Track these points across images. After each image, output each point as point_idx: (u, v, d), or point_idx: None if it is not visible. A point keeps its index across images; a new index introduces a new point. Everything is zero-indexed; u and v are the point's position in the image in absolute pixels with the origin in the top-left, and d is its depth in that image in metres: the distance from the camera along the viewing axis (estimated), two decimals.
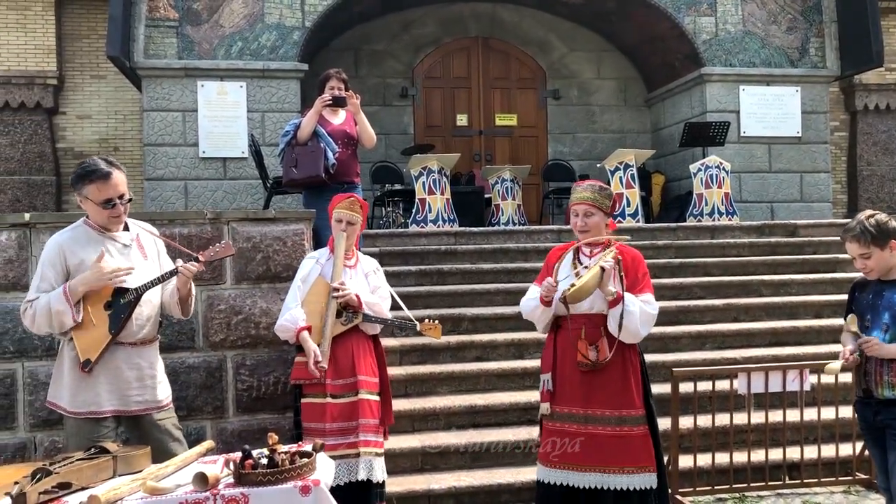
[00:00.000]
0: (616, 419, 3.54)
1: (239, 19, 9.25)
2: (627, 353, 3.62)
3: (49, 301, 3.26)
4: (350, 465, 3.88)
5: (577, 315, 3.60)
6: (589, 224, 3.70)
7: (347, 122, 5.87)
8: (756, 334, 6.43)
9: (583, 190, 3.74)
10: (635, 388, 3.59)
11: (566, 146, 11.44)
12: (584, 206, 3.70)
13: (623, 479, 3.51)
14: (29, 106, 10.49)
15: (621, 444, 3.52)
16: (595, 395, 3.56)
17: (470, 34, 11.28)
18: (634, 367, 3.63)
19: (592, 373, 3.56)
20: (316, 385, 3.94)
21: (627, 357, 3.61)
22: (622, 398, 3.55)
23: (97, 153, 10.36)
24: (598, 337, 3.57)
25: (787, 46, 10.34)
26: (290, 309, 4.02)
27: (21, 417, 4.44)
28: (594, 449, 3.53)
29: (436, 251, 7.39)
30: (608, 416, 3.55)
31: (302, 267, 4.19)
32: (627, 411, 3.55)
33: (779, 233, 8.34)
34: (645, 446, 3.56)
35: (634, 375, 3.61)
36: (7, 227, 4.45)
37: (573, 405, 3.60)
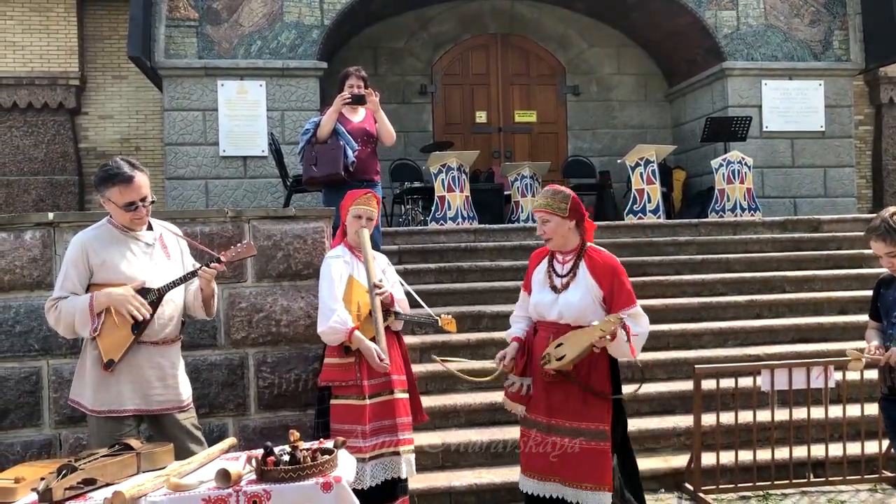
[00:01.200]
0: (572, 430, 3.40)
1: (258, 18, 9.29)
2: (596, 365, 3.44)
3: (74, 311, 3.29)
4: (386, 463, 3.86)
5: (546, 322, 3.52)
6: (548, 231, 3.52)
7: (367, 120, 5.87)
8: (779, 331, 6.37)
9: (539, 197, 3.61)
10: (596, 403, 3.41)
11: (586, 142, 11.39)
12: (539, 214, 3.56)
13: (578, 493, 3.39)
14: (52, 106, 10.61)
15: (578, 458, 3.38)
16: (557, 406, 3.44)
17: (489, 31, 11.26)
18: (600, 380, 3.44)
19: (556, 382, 3.43)
20: (350, 387, 3.84)
21: (595, 370, 3.43)
22: (583, 411, 3.40)
23: (119, 153, 10.46)
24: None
25: (810, 39, 10.22)
26: (335, 310, 3.83)
27: (46, 414, 4.49)
28: (556, 459, 3.42)
29: (455, 248, 7.39)
30: (567, 427, 3.42)
31: (332, 267, 3.96)
32: (587, 424, 3.39)
33: (802, 228, 8.25)
34: (601, 463, 3.38)
35: (598, 389, 3.43)
36: (31, 226, 4.50)
37: (538, 413, 3.50)
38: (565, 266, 3.52)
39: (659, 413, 5.43)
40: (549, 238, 3.53)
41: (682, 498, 4.74)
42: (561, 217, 3.49)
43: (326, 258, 4.06)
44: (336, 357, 3.91)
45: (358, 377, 3.84)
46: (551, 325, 3.49)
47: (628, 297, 3.44)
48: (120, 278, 3.34)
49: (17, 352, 4.47)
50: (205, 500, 2.67)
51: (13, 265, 4.44)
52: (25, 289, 4.47)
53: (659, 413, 5.43)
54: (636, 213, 8.60)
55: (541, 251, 3.72)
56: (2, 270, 4.43)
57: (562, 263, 3.54)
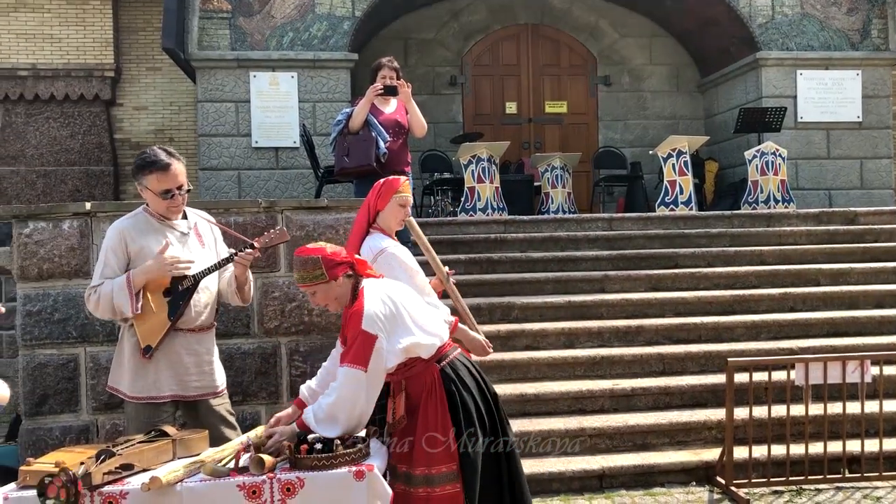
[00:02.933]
0: (424, 479, 3.04)
1: (290, 10, 9.33)
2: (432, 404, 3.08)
3: (112, 289, 3.34)
4: None
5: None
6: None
7: (399, 112, 5.88)
8: (813, 324, 6.29)
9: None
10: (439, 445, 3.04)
11: (617, 133, 11.31)
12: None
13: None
14: (88, 98, 10.77)
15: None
16: (405, 454, 3.09)
17: (519, 21, 11.20)
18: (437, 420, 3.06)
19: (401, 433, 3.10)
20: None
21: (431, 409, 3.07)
22: (428, 456, 3.04)
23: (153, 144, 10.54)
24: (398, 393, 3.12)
25: (847, 28, 10.03)
26: (437, 305, 3.50)
27: (84, 401, 4.58)
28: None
29: (485, 239, 7.39)
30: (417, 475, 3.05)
31: (409, 258, 3.60)
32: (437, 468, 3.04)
33: (837, 220, 8.12)
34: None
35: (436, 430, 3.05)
36: (69, 216, 4.58)
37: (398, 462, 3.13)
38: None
39: (690, 406, 5.39)
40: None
41: (714, 491, 4.71)
42: (324, 283, 3.07)
43: (385, 247, 3.54)
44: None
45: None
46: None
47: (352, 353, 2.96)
48: None
49: (55, 339, 4.56)
50: (240, 486, 2.71)
51: (52, 254, 4.53)
52: (64, 277, 4.56)
53: (690, 406, 5.39)
54: (668, 204, 8.52)
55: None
56: (41, 259, 4.53)
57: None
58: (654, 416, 5.21)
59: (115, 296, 3.33)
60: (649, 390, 5.42)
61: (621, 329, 6.05)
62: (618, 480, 4.79)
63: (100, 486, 2.64)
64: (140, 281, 3.34)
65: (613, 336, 6.02)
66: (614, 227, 7.80)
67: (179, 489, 2.68)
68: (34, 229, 4.53)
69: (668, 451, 5.00)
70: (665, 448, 5.06)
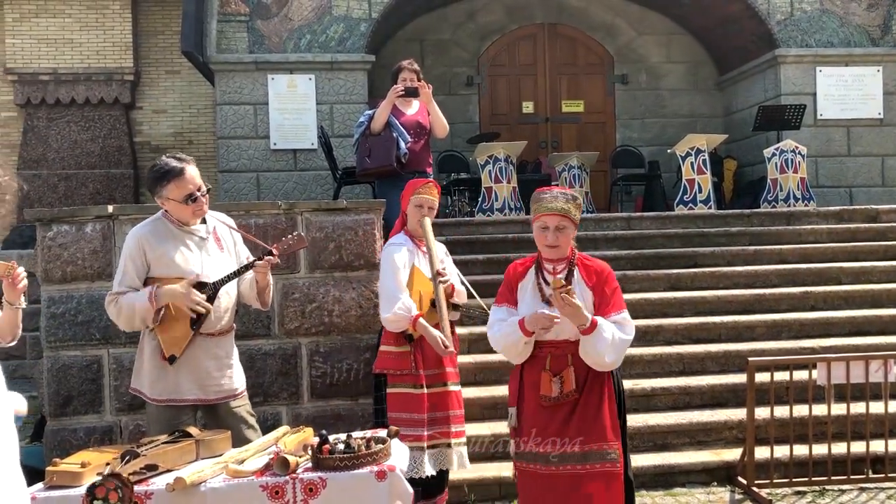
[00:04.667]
0: (580, 456, 3.06)
1: (307, 12, 9.37)
2: (599, 381, 3.15)
3: (135, 306, 3.36)
4: (438, 455, 3.86)
5: (543, 342, 3.16)
6: (560, 240, 3.16)
7: (420, 113, 5.92)
8: (835, 323, 6.24)
9: (553, 199, 3.18)
10: (600, 421, 3.09)
11: (635, 132, 11.26)
12: (556, 219, 3.15)
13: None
14: (108, 101, 10.88)
15: (583, 484, 3.05)
16: (561, 432, 3.09)
17: (536, 20, 11.19)
18: (602, 396, 3.14)
19: (558, 406, 3.10)
20: (406, 375, 3.82)
21: (599, 385, 3.15)
22: (591, 433, 3.07)
23: (172, 146, 10.69)
24: (565, 366, 3.11)
25: (867, 24, 9.94)
26: (400, 297, 3.78)
27: (107, 402, 4.63)
28: (558, 492, 3.07)
29: (503, 239, 7.38)
30: (573, 452, 3.06)
31: (395, 255, 3.90)
32: (591, 446, 3.06)
33: (859, 218, 8.05)
34: (612, 488, 3.08)
35: (601, 405, 3.12)
36: (92, 219, 4.63)
37: (541, 444, 3.11)
38: (557, 277, 3.17)
39: (710, 406, 5.37)
40: (556, 246, 3.17)
41: (735, 492, 4.69)
42: (574, 226, 3.21)
43: (388, 246, 4.00)
44: (392, 345, 3.88)
45: (413, 366, 3.82)
46: (548, 345, 3.17)
47: (617, 303, 3.18)
48: (176, 272, 3.41)
49: (79, 340, 4.61)
50: (263, 486, 2.73)
51: (75, 257, 4.58)
52: (87, 280, 4.61)
53: (710, 406, 5.37)
54: (686, 203, 8.48)
55: (521, 262, 3.36)
56: (64, 262, 4.58)
57: (553, 274, 3.19)
58: (674, 416, 5.19)
59: (136, 314, 3.35)
60: (669, 390, 5.40)
61: (640, 329, 5.99)
62: (638, 480, 4.75)
63: None
64: (164, 300, 3.35)
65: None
66: (633, 227, 7.77)
67: (203, 489, 2.71)
68: (58, 232, 4.58)
69: (688, 452, 4.98)
70: (685, 448, 5.04)
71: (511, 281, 3.30)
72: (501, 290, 3.32)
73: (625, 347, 3.12)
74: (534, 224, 3.25)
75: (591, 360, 3.09)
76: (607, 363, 3.09)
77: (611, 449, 3.09)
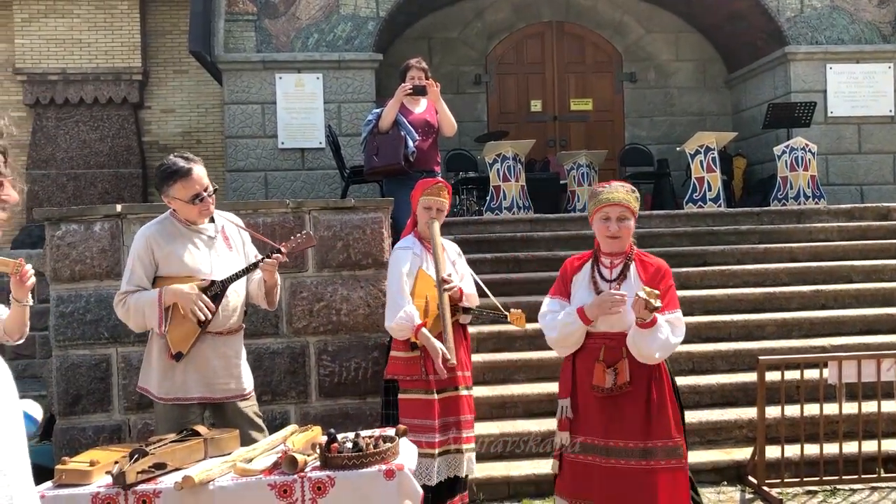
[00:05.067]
0: (641, 451, 3.07)
1: (315, 11, 9.37)
2: (655, 375, 3.16)
3: (143, 307, 3.36)
4: (450, 461, 3.80)
5: (596, 333, 3.18)
6: (622, 230, 3.20)
7: (428, 111, 5.92)
8: (846, 322, 6.19)
9: (614, 190, 3.24)
10: (663, 415, 3.11)
11: (644, 130, 11.22)
12: (619, 209, 3.20)
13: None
14: (116, 101, 10.91)
15: (648, 479, 3.04)
16: (616, 425, 3.10)
17: (543, 19, 11.16)
18: (662, 391, 3.16)
19: (612, 398, 3.11)
20: (418, 381, 3.75)
21: (655, 380, 3.15)
22: (648, 427, 3.08)
23: (181, 146, 10.71)
24: (619, 358, 3.12)
25: (878, 21, 9.87)
26: (403, 306, 3.71)
27: (116, 400, 4.64)
28: (618, 485, 3.06)
29: (511, 238, 7.36)
30: (631, 448, 3.08)
31: (400, 260, 3.83)
32: (654, 442, 3.08)
33: (870, 216, 7.99)
34: (678, 483, 3.08)
35: (661, 400, 3.14)
36: (100, 218, 4.64)
37: (594, 435, 3.13)
38: (613, 271, 3.22)
39: (720, 405, 5.34)
40: (618, 237, 3.22)
41: (745, 491, 4.66)
42: (634, 217, 3.26)
43: (395, 249, 3.93)
44: (402, 351, 3.82)
45: (424, 372, 3.75)
46: (601, 336, 3.19)
47: (671, 302, 3.18)
48: (184, 271, 3.41)
49: (87, 339, 4.62)
50: (271, 485, 2.72)
51: (83, 256, 4.59)
52: (95, 279, 4.62)
53: (720, 405, 5.34)
54: (696, 201, 8.44)
55: (578, 257, 3.42)
56: (73, 261, 4.59)
57: (609, 268, 3.24)
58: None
59: (145, 313, 3.36)
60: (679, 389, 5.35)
61: None
62: None
63: (134, 485, 2.67)
64: (170, 300, 3.35)
65: None
66: (642, 225, 7.72)
67: (212, 488, 2.70)
68: (66, 231, 4.59)
69: (698, 451, 4.95)
70: (695, 447, 5.00)
71: (566, 274, 3.36)
72: (556, 283, 3.39)
73: (672, 349, 3.16)
74: (593, 218, 3.29)
75: (636, 352, 3.11)
76: (655, 358, 3.13)
77: (676, 445, 3.12)
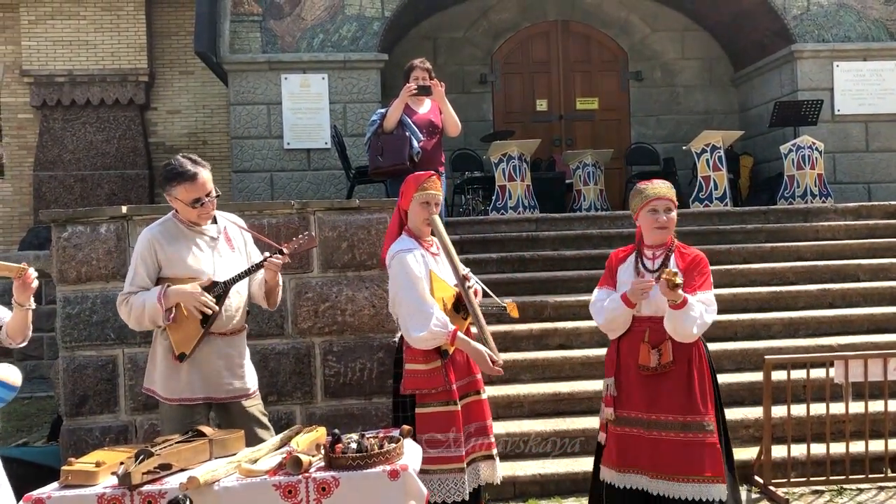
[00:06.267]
0: (680, 425, 3.37)
1: (320, 11, 9.38)
2: (694, 356, 3.45)
3: (144, 305, 3.37)
4: (478, 469, 3.55)
5: (642, 317, 3.49)
6: (669, 221, 3.55)
7: (432, 112, 5.92)
8: (853, 321, 6.17)
9: (658, 186, 3.63)
10: (701, 393, 3.40)
11: (650, 129, 11.20)
12: (664, 202, 3.56)
13: (690, 488, 3.32)
14: (122, 102, 10.95)
15: (687, 451, 3.34)
16: (659, 400, 3.41)
17: (549, 18, 11.14)
18: (701, 371, 3.45)
19: (656, 376, 3.42)
20: (440, 393, 3.42)
21: (694, 361, 3.44)
22: (687, 403, 3.38)
23: (187, 147, 10.75)
24: (663, 340, 3.42)
25: (886, 18, 9.82)
26: (432, 312, 3.38)
27: (122, 401, 4.65)
28: (660, 455, 3.37)
29: (517, 238, 7.36)
30: (672, 421, 3.39)
31: (411, 262, 3.46)
32: (692, 417, 3.37)
33: (877, 215, 7.96)
34: (713, 455, 3.36)
35: (701, 380, 3.43)
36: (106, 219, 4.65)
37: (637, 410, 3.45)
38: (655, 262, 3.54)
39: (726, 404, 5.18)
40: (667, 227, 3.56)
41: (752, 491, 4.65)
42: (676, 210, 3.59)
43: (397, 252, 3.50)
44: (421, 363, 3.45)
45: (447, 381, 3.42)
46: (646, 320, 3.48)
47: (705, 283, 3.48)
48: (187, 272, 3.42)
49: (94, 340, 4.64)
50: (276, 486, 2.73)
51: (89, 257, 4.61)
52: (101, 280, 4.63)
53: (726, 404, 5.18)
54: (702, 200, 8.42)
55: (622, 250, 3.74)
56: (79, 262, 4.60)
57: (651, 259, 3.57)
58: None
59: (147, 312, 3.36)
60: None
61: None
62: None
63: (139, 486, 2.68)
64: (172, 300, 3.36)
65: None
66: None
67: (217, 489, 2.71)
68: (72, 233, 4.60)
69: None
70: None
71: (612, 266, 3.68)
72: (603, 276, 3.70)
73: (706, 326, 3.41)
74: (640, 213, 3.61)
75: (672, 331, 3.39)
76: (692, 335, 3.38)
77: (707, 421, 3.37)
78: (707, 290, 3.46)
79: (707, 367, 3.48)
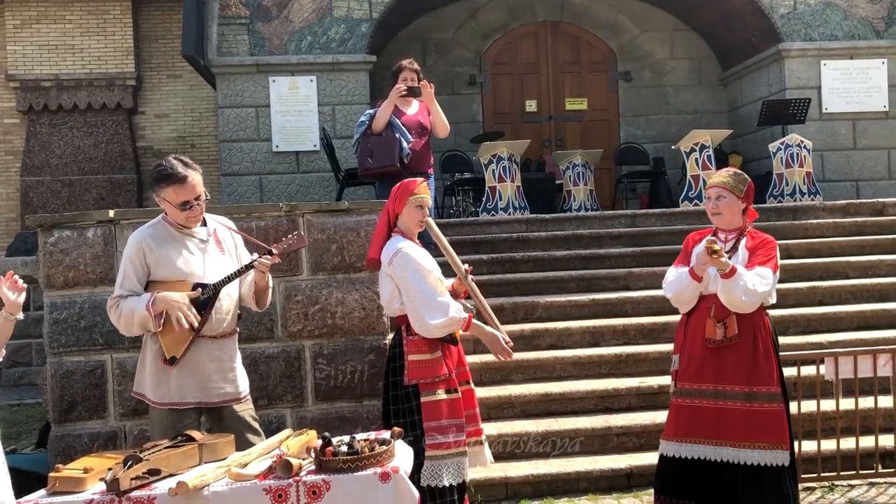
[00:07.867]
0: (745, 395, 3.59)
1: (308, 14, 9.36)
2: (759, 329, 3.66)
3: (133, 313, 3.34)
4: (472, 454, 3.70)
5: (709, 295, 3.72)
6: (720, 206, 3.76)
7: (421, 113, 5.90)
8: (843, 318, 6.19)
9: (713, 175, 3.89)
10: (765, 365, 3.62)
11: (639, 129, 11.22)
12: (715, 190, 3.79)
13: (754, 454, 3.55)
14: (110, 107, 10.89)
15: (752, 419, 3.57)
16: (725, 372, 3.63)
17: (538, 19, 11.16)
18: (766, 342, 3.66)
19: (722, 349, 3.64)
20: (440, 382, 3.58)
21: (758, 333, 3.65)
22: (752, 374, 3.60)
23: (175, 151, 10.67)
24: (727, 314, 3.63)
25: (872, 17, 9.88)
26: (447, 301, 3.55)
27: (111, 407, 4.62)
28: (725, 424, 3.59)
29: (507, 239, 7.36)
30: (738, 391, 3.60)
31: (418, 255, 3.61)
32: (758, 387, 3.59)
33: (865, 212, 8.00)
34: (777, 423, 3.58)
35: (766, 352, 3.64)
36: (93, 224, 4.62)
37: (703, 381, 3.67)
38: (727, 244, 3.76)
39: None
40: (718, 213, 3.77)
41: None
42: (736, 196, 3.75)
43: (401, 248, 3.60)
44: (426, 353, 3.59)
45: (448, 370, 3.61)
46: (712, 297, 3.70)
47: (767, 261, 3.66)
48: (177, 274, 3.40)
49: (82, 346, 4.60)
50: (266, 489, 2.71)
51: (77, 262, 4.57)
52: (89, 285, 4.60)
53: None
54: (692, 199, 8.44)
55: (698, 233, 3.99)
56: (66, 267, 4.57)
57: (724, 242, 3.78)
58: None
59: (135, 319, 3.34)
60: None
61: (646, 326, 6.00)
62: (646, 479, 4.72)
63: (128, 492, 2.65)
64: (160, 307, 3.32)
65: (639, 333, 5.97)
66: (638, 224, 7.74)
67: (206, 493, 2.69)
68: (59, 238, 4.57)
69: None
70: None
71: (687, 246, 3.93)
72: (679, 254, 3.96)
73: (757, 296, 3.58)
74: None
75: (725, 300, 3.60)
76: (742, 303, 3.58)
77: (776, 391, 3.61)
78: (766, 267, 3.64)
79: (771, 339, 3.70)
